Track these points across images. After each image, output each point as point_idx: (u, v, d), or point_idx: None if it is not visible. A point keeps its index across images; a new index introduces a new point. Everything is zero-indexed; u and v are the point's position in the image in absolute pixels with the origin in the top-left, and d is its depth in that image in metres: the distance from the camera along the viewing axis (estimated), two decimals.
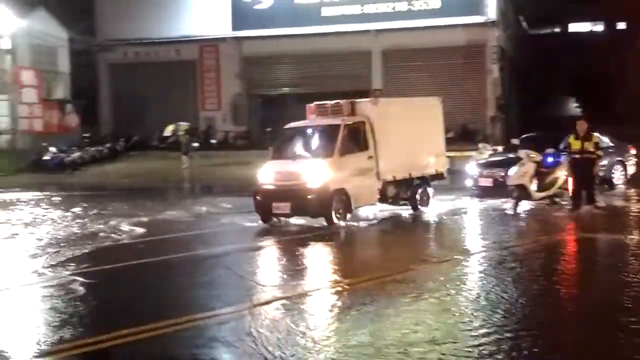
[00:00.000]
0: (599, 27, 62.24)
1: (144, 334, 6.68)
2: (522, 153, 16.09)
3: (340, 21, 35.44)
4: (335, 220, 13.68)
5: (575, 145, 14.65)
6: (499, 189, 17.70)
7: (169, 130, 34.10)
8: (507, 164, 18.08)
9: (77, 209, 17.58)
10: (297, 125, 15.71)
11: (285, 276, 9.49)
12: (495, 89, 34.25)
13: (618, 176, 19.25)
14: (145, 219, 15.39)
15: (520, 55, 46.85)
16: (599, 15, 59.43)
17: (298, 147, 14.98)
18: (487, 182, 18.45)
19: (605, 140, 19.58)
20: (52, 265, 10.35)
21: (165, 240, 12.88)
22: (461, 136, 32.36)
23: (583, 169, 14.60)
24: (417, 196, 15.68)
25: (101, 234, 13.44)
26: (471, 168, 19.25)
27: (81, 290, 8.76)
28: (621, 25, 58.69)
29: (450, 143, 30.89)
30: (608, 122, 35.98)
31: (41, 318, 7.57)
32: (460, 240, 12.61)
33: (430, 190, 16.01)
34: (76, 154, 31.88)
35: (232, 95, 38.06)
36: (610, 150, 19.17)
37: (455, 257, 10.26)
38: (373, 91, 35.26)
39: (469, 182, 19.09)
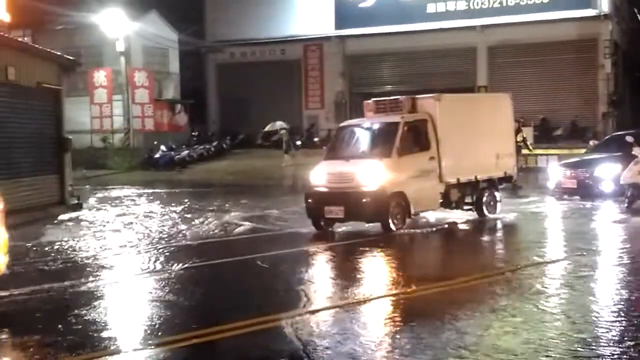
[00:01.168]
0: None
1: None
2: (636, 150, 15.42)
3: (446, 17, 34.98)
4: (393, 227, 12.68)
5: None
6: (583, 190, 17.16)
7: (267, 129, 34.99)
8: (593, 164, 17.38)
9: (183, 205, 18.16)
10: (353, 123, 14.95)
11: (340, 283, 9.09)
12: (607, 84, 32.90)
13: None
14: (245, 215, 15.73)
15: (635, 49, 44.78)
16: None
17: (353, 146, 14.05)
18: (571, 184, 17.54)
19: None
20: (159, 259, 10.71)
21: (257, 238, 13.02)
22: (570, 133, 31.35)
23: None
24: (484, 201, 14.53)
25: (200, 231, 13.82)
26: (554, 168, 18.45)
27: (185, 284, 9.06)
28: None
29: (559, 140, 30.38)
30: None
31: (152, 310, 7.83)
32: (523, 249, 11.48)
33: (497, 195, 14.90)
34: (185, 152, 32.91)
35: (335, 94, 38.30)
36: None
37: (519, 266, 9.48)
38: (478, 88, 34.70)
39: (551, 184, 18.32)
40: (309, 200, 13.35)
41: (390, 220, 12.66)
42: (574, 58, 33.46)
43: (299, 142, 33.09)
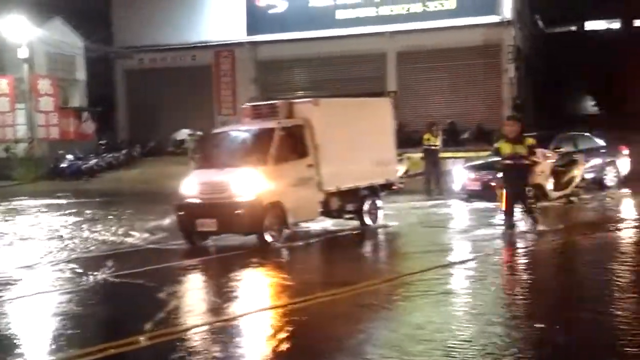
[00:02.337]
0: (616, 25, 61.72)
1: None
2: (538, 152, 15.96)
3: (355, 24, 35.40)
4: (269, 238, 12.07)
5: (506, 149, 12.31)
6: (487, 192, 17.18)
7: (176, 137, 34.55)
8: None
9: (89, 215, 17.67)
10: (227, 129, 14.29)
11: (208, 300, 8.86)
12: (511, 88, 34.03)
13: (610, 177, 19.00)
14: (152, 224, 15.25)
15: (537, 54, 46.58)
16: (616, 12, 58.91)
17: (227, 154, 13.30)
18: (475, 186, 17.74)
19: (598, 141, 19.50)
20: (65, 270, 10.39)
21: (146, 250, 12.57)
22: (477, 136, 32.19)
23: (515, 177, 12.29)
24: (365, 209, 14.08)
25: (106, 240, 13.47)
26: (459, 171, 18.63)
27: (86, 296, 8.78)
28: (638, 23, 58.15)
29: (466, 144, 31.17)
30: (619, 121, 35.72)
31: (63, 323, 7.66)
32: (401, 261, 11.40)
33: (379, 202, 14.49)
34: (93, 161, 32.05)
35: (248, 100, 38.09)
36: (602, 151, 19.03)
37: (394, 277, 9.46)
38: (388, 93, 35.23)
39: (456, 186, 18.46)
40: (180, 213, 12.54)
41: (266, 232, 12.07)
42: (480, 63, 34.45)
43: None
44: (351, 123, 13.94)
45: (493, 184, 17.38)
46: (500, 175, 13.12)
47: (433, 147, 20.26)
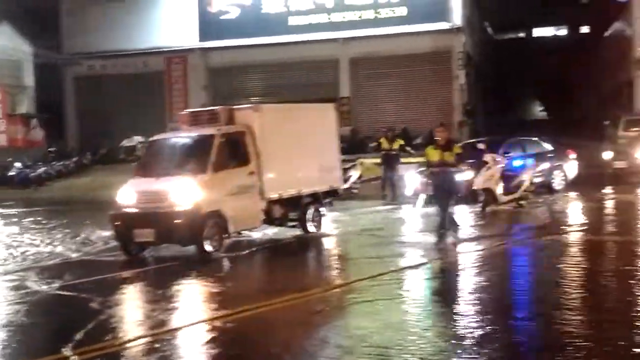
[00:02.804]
0: (563, 32, 63.13)
1: None
2: (488, 157, 16.24)
3: (308, 30, 35.48)
4: (209, 248, 11.74)
5: (433, 156, 12.06)
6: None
7: (125, 144, 34.13)
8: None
9: (32, 225, 17.33)
10: (165, 136, 13.79)
11: (143, 313, 8.65)
12: (461, 94, 34.51)
13: (558, 181, 19.44)
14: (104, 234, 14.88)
15: (486, 60, 47.35)
16: (563, 20, 60.26)
17: (165, 162, 12.88)
18: (427, 190, 17.87)
19: (546, 145, 19.96)
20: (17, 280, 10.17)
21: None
22: (429, 142, 32.44)
23: (442, 185, 12.06)
24: (308, 216, 13.76)
25: (43, 251, 13.15)
26: (411, 176, 18.73)
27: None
28: (584, 30, 59.59)
29: (419, 149, 31.44)
30: (567, 126, 36.56)
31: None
32: (340, 267, 11.27)
33: (322, 209, 14.24)
34: (42, 169, 31.40)
35: (200, 107, 37.81)
36: (550, 156, 19.48)
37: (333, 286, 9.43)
38: (341, 99, 35.42)
39: (409, 191, 18.52)
40: (116, 223, 12.11)
41: (206, 242, 11.72)
42: (431, 69, 34.88)
43: None
44: (294, 129, 13.74)
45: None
46: (424, 180, 13.06)
47: (392, 153, 20.30)
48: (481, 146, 16.92)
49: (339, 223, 15.48)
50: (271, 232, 14.07)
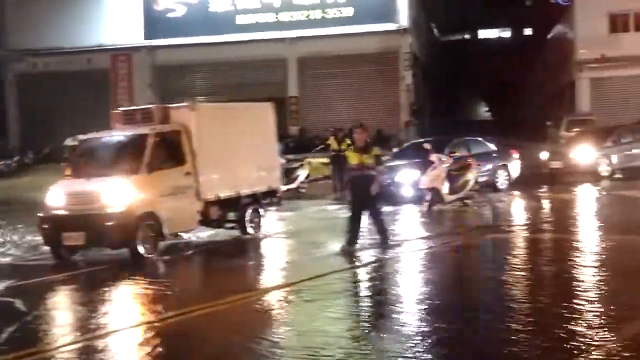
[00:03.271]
0: (507, 34, 64.34)
1: None
2: (433, 157, 16.44)
3: (255, 29, 35.40)
4: (143, 252, 11.36)
5: (352, 159, 11.50)
6: (386, 195, 17.66)
7: (68, 143, 33.38)
8: (394, 170, 18.35)
9: None
10: (97, 136, 13.17)
11: (72, 318, 8.45)
12: (408, 94, 34.87)
13: (502, 181, 19.86)
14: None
15: (433, 61, 47.91)
16: (507, 22, 61.42)
17: (97, 163, 12.47)
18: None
19: (490, 146, 20.39)
20: None
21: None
22: (377, 141, 32.74)
23: (361, 189, 11.36)
24: (247, 218, 13.48)
25: None
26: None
27: None
28: (528, 32, 60.87)
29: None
30: (511, 126, 37.34)
31: None
32: (281, 269, 10.99)
33: (261, 210, 14.00)
34: None
35: (146, 105, 37.38)
36: (494, 155, 19.90)
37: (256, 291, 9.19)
38: (289, 98, 35.49)
39: None
40: (45, 226, 11.63)
41: (139, 245, 11.33)
42: (379, 70, 35.15)
43: None
44: (231, 129, 13.49)
45: (391, 187, 17.93)
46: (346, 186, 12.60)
47: (341, 153, 20.24)
48: (427, 146, 17.07)
49: (282, 223, 15.39)
50: (209, 234, 13.76)
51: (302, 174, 21.43)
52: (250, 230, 13.59)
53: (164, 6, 36.34)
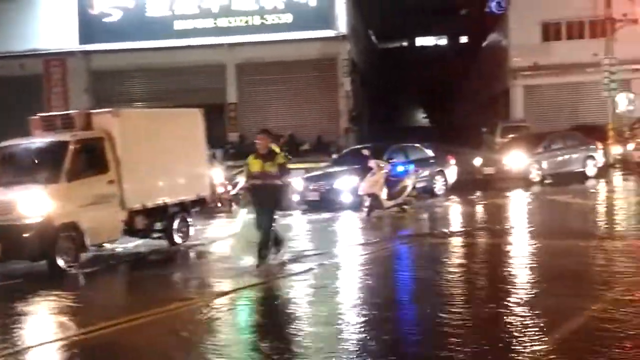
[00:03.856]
0: (443, 42, 65.46)
1: None
2: (372, 163, 16.59)
3: (194, 34, 35.04)
4: (62, 264, 10.99)
5: (254, 166, 10.86)
6: (325, 202, 17.88)
7: None
8: (334, 176, 18.52)
9: None
10: (15, 143, 12.65)
11: None
12: (347, 101, 35.09)
13: (439, 186, 20.24)
14: None
15: (372, 68, 48.35)
16: (443, 30, 62.51)
17: (14, 171, 12.00)
18: (313, 196, 18.20)
19: (427, 152, 20.79)
20: None
21: None
22: (316, 148, 32.91)
23: (264, 199, 10.84)
24: (174, 227, 13.24)
25: None
26: (297, 182, 18.72)
27: None
28: (463, 40, 62.10)
29: (307, 155, 31.81)
30: (448, 133, 38.03)
31: None
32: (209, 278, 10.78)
33: (190, 219, 13.72)
34: None
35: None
36: (432, 162, 20.30)
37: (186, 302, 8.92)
38: (228, 105, 35.31)
39: (296, 197, 18.46)
40: None
41: (58, 257, 10.95)
42: (318, 76, 35.25)
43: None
44: (158, 135, 13.12)
45: (330, 194, 18.03)
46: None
47: None
48: (366, 152, 17.24)
49: (215, 231, 15.23)
50: (135, 244, 13.44)
51: (241, 180, 21.31)
52: (178, 239, 13.32)
53: (99, 10, 35.66)
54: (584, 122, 30.73)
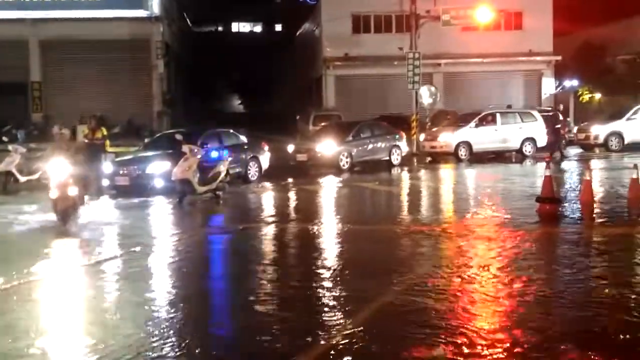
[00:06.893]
0: (259, 28, 65.85)
1: None
2: (185, 148, 16.33)
3: None
4: None
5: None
6: (136, 187, 17.47)
7: None
8: (146, 161, 18.17)
9: None
10: None
11: None
12: (161, 84, 34.38)
13: (253, 172, 20.57)
14: None
15: (186, 51, 47.64)
16: (259, 16, 62.86)
17: None
18: (124, 181, 17.73)
19: (242, 138, 21.05)
20: None
21: None
22: (127, 131, 31.90)
23: None
24: None
25: None
26: (107, 166, 18.24)
27: None
28: (279, 27, 62.86)
29: (117, 138, 30.73)
30: (263, 120, 38.50)
31: None
32: None
33: None
34: None
35: None
36: (245, 147, 20.60)
37: None
38: (32, 83, 33.30)
39: (105, 182, 17.99)
40: None
41: None
42: (129, 57, 34.22)
43: None
44: None
45: (141, 179, 17.52)
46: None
47: (96, 142, 19.04)
48: (179, 137, 16.93)
49: None
50: None
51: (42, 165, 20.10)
52: None
53: None
54: (391, 113, 32.30)
